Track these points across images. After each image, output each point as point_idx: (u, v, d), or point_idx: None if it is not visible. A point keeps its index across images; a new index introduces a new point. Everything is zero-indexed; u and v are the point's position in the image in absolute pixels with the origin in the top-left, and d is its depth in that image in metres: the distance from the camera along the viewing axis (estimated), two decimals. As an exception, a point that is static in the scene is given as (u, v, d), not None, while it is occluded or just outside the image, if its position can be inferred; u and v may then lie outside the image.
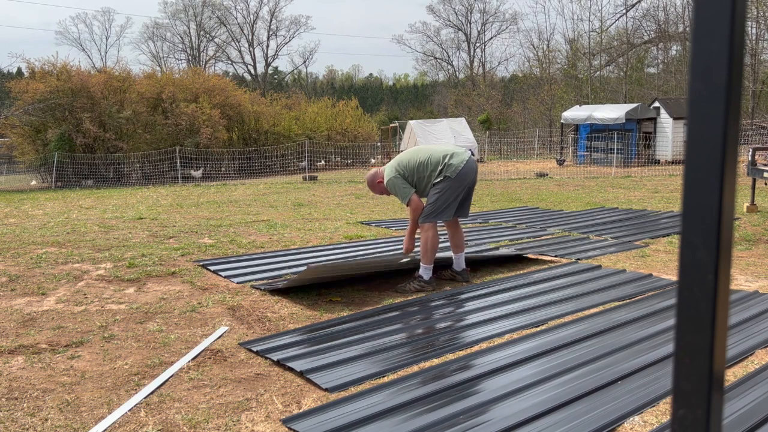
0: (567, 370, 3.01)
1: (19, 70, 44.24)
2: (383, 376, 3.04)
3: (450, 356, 3.31)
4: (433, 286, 4.80)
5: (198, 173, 22.23)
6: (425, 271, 4.79)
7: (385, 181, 4.88)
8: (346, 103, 32.45)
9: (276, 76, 63.63)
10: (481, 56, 54.39)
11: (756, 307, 4.01)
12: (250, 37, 56.07)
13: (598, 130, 21.07)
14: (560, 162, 22.89)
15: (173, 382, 3.04)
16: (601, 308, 4.16)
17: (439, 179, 4.73)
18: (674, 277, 4.82)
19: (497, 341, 3.53)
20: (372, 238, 7.21)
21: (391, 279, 5.08)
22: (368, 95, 69.33)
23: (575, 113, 22.24)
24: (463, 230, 7.74)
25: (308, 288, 4.82)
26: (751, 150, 8.65)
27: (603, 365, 3.07)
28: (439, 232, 4.89)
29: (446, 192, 4.72)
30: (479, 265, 5.48)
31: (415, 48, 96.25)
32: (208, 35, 55.63)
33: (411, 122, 25.60)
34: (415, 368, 3.15)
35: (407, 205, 4.83)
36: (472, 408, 2.62)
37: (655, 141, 20.40)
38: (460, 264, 5.00)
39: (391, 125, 34.67)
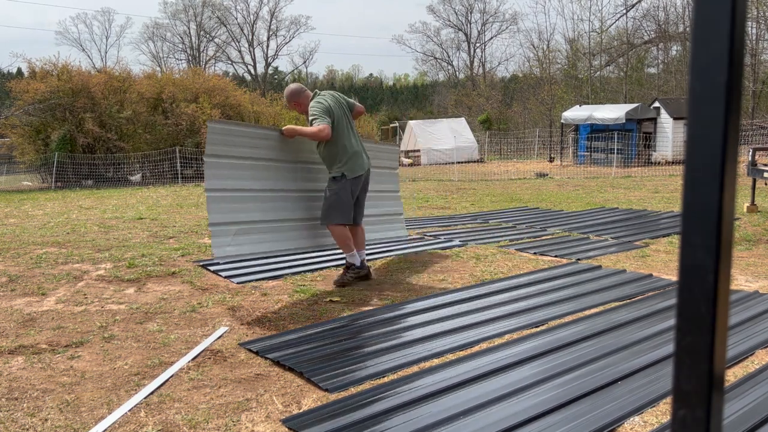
0: (567, 371, 3.01)
1: (20, 70, 44.26)
2: (383, 376, 3.04)
3: (450, 356, 3.31)
4: (366, 268, 5.01)
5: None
6: (352, 258, 4.94)
7: (311, 102, 4.78)
8: (347, 103, 32.41)
9: (276, 76, 63.60)
10: (481, 56, 54.45)
11: (756, 307, 4.01)
12: (250, 37, 56.11)
13: (598, 130, 21.08)
14: (551, 159, 23.00)
15: (173, 382, 3.04)
16: (601, 308, 4.16)
17: (336, 173, 4.76)
18: (674, 277, 4.82)
19: (497, 341, 3.53)
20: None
21: (390, 277, 5.08)
22: (368, 95, 69.27)
23: (575, 113, 22.24)
24: (464, 230, 7.75)
25: (308, 288, 4.83)
26: (751, 150, 8.66)
27: (603, 365, 3.07)
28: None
29: (340, 192, 4.78)
30: (479, 264, 5.48)
31: (415, 48, 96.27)
32: (208, 35, 55.67)
33: (411, 122, 25.58)
34: (415, 368, 3.15)
35: (317, 123, 4.58)
36: (473, 408, 2.62)
37: (654, 141, 20.41)
38: (362, 258, 5.11)
39: (391, 125, 34.73)
